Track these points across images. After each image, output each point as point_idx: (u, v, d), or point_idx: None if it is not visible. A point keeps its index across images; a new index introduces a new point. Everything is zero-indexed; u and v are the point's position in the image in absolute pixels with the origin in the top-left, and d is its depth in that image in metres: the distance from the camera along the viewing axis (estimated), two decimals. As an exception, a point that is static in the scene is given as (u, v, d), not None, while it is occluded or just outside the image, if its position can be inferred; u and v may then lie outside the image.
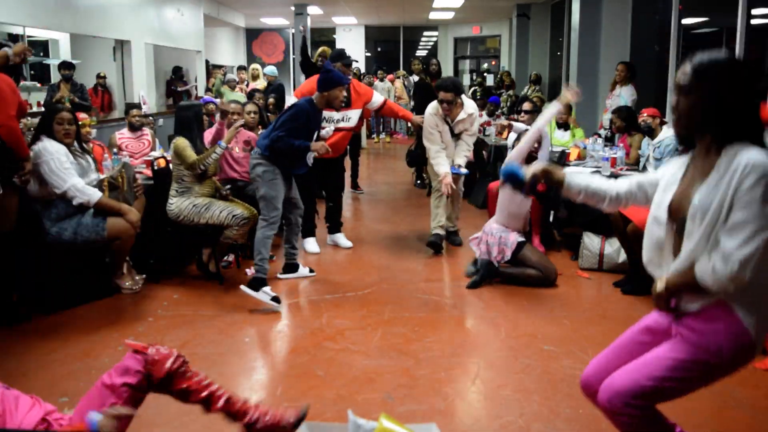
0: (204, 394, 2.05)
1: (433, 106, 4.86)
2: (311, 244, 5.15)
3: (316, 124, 4.15)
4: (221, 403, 2.07)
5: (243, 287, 3.83)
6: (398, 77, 12.87)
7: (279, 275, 4.37)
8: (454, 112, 4.83)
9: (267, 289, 3.86)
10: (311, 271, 4.49)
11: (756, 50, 5.46)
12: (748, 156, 1.57)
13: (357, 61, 5.44)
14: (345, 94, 4.04)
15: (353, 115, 4.90)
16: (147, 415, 2.64)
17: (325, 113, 4.80)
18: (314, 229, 5.24)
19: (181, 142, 4.19)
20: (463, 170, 4.96)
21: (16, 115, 3.55)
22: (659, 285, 1.74)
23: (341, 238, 5.29)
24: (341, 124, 4.87)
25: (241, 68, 11.00)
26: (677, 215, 1.71)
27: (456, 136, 4.94)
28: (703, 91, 1.65)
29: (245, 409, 2.09)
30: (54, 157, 3.69)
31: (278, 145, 3.93)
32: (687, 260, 1.67)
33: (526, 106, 5.16)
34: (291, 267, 4.43)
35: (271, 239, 3.99)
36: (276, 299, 3.84)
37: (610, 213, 4.16)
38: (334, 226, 5.33)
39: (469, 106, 4.91)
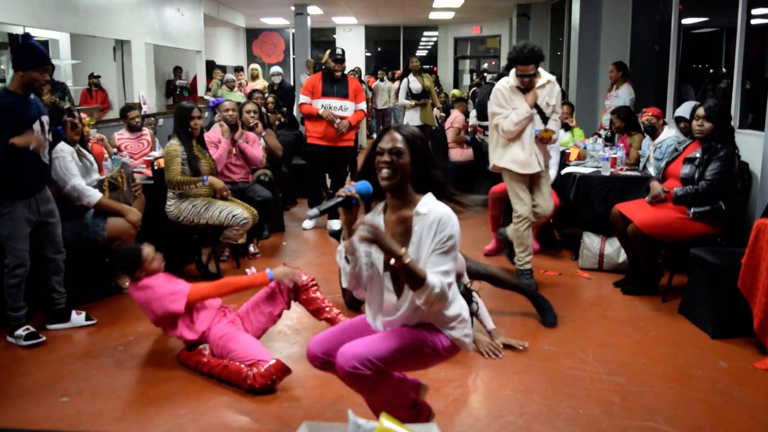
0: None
1: (507, 81, 4.09)
2: (308, 223, 5.81)
3: (23, 115, 3.19)
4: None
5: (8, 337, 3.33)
6: (381, 79, 12.80)
7: (47, 326, 3.52)
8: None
9: (20, 331, 3.29)
10: (88, 318, 3.60)
11: (756, 50, 5.46)
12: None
13: (341, 53, 5.59)
14: (48, 78, 3.26)
15: (349, 107, 5.48)
16: (147, 413, 2.64)
17: (323, 101, 5.36)
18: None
19: (173, 149, 4.17)
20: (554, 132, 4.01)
21: None
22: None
23: (336, 225, 5.54)
24: (339, 112, 5.42)
25: (238, 69, 10.79)
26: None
27: (543, 117, 4.04)
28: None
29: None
30: (59, 155, 3.70)
31: None
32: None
33: None
34: (60, 315, 3.54)
35: (19, 288, 3.27)
36: (31, 335, 3.29)
37: (611, 213, 4.16)
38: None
39: (545, 73, 4.12)
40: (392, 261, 1.89)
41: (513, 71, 4.04)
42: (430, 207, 2.02)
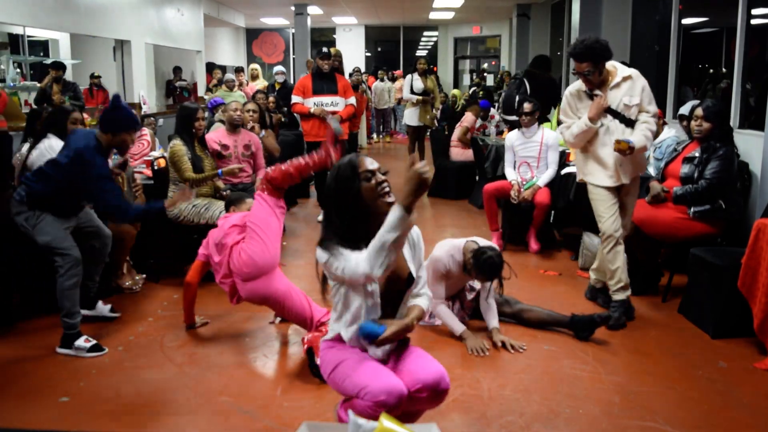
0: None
1: (573, 85, 3.67)
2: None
3: (101, 171, 3.24)
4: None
5: (58, 349, 3.25)
6: (380, 79, 12.83)
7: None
8: (603, 79, 3.49)
9: (80, 342, 3.23)
10: (113, 310, 3.71)
11: (756, 50, 5.46)
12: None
13: (327, 51, 6.00)
14: (135, 137, 3.37)
15: (340, 102, 5.81)
16: (147, 413, 2.64)
17: (315, 99, 5.73)
18: None
19: (178, 149, 4.19)
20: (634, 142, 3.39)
21: None
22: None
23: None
24: (330, 108, 5.75)
25: (239, 70, 10.73)
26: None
27: (624, 121, 3.50)
28: None
29: None
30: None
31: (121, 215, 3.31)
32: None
33: (527, 107, 5.09)
34: (87, 301, 3.61)
35: (77, 288, 3.23)
36: (95, 347, 3.23)
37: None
38: None
39: (623, 68, 3.54)
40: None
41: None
42: None
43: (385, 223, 1.83)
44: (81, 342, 3.23)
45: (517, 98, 6.23)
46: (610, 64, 3.50)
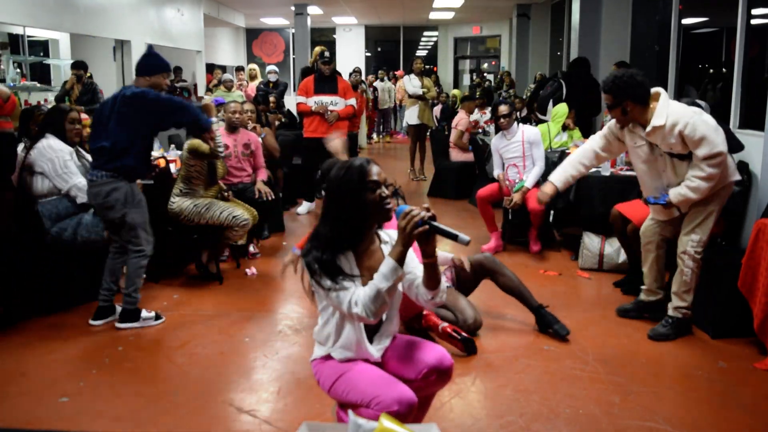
0: None
1: None
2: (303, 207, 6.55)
3: (160, 95, 3.54)
4: None
5: (118, 324, 3.49)
6: (381, 79, 12.86)
7: (91, 321, 3.58)
8: (643, 118, 3.25)
9: (144, 313, 3.54)
10: (158, 316, 3.66)
11: (756, 50, 5.45)
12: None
13: (328, 55, 6.31)
14: (168, 81, 3.57)
15: (339, 102, 6.14)
16: (147, 413, 2.64)
17: (316, 98, 6.10)
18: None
19: (195, 140, 4.20)
20: (663, 200, 3.38)
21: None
22: None
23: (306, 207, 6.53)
24: (331, 107, 6.11)
25: (239, 69, 10.79)
26: None
27: (674, 156, 3.27)
28: None
29: None
30: (58, 155, 3.70)
31: (188, 116, 3.48)
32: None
33: (503, 109, 5.07)
34: (104, 311, 3.60)
35: (144, 269, 3.52)
36: (157, 316, 3.58)
37: (611, 213, 4.16)
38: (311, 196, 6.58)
39: (665, 112, 3.17)
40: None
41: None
42: (387, 232, 2.10)
43: (377, 272, 1.86)
44: (145, 313, 3.54)
45: (551, 100, 6.63)
46: (660, 105, 3.21)
